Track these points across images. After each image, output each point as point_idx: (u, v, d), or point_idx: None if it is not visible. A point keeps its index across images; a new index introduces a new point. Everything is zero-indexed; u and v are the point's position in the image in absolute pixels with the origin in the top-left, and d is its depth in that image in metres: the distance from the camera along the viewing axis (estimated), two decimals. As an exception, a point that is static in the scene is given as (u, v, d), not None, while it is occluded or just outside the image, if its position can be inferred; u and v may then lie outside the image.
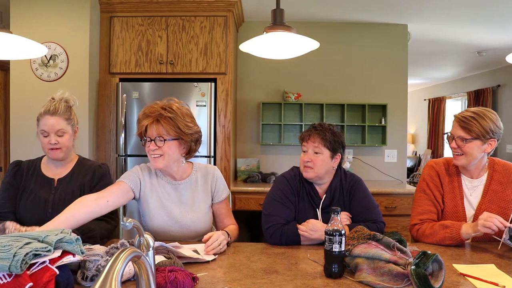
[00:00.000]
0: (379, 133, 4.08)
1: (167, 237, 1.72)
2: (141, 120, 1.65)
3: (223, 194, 1.81)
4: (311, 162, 1.75)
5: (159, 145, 1.62)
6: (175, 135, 1.63)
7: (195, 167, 1.81)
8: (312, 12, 3.78)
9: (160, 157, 1.63)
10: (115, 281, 0.73)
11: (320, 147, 1.75)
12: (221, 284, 1.21)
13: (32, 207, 1.72)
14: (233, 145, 3.66)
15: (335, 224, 1.28)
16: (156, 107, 1.63)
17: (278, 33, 1.55)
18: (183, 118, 1.64)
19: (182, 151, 1.69)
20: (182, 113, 1.65)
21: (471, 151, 1.69)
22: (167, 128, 1.61)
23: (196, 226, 1.73)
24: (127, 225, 0.95)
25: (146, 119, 1.62)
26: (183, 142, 1.66)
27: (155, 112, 1.61)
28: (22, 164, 1.82)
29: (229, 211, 1.86)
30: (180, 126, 1.62)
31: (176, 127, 1.61)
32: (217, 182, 1.79)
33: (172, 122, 1.61)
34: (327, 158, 1.76)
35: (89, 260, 1.21)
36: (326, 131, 1.76)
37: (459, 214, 1.75)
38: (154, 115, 1.61)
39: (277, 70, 4.03)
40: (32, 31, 3.06)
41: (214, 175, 1.80)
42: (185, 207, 1.74)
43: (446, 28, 4.16)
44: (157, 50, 3.35)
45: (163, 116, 1.60)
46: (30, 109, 2.94)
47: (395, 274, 1.18)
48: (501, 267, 1.38)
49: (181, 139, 1.65)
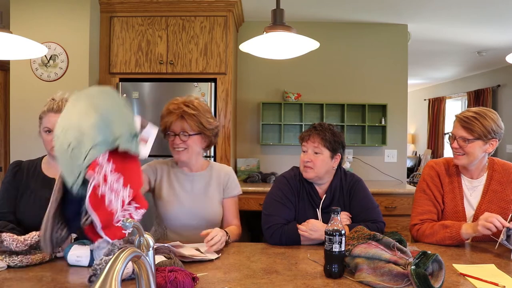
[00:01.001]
0: (379, 133, 4.08)
1: (179, 226, 1.80)
2: (165, 116, 1.76)
3: (234, 190, 1.88)
4: (311, 162, 1.75)
5: (184, 139, 1.75)
6: (198, 130, 1.76)
7: (212, 164, 1.93)
8: (312, 12, 3.78)
9: (184, 151, 1.76)
10: (115, 281, 0.73)
11: (320, 147, 1.75)
12: (221, 284, 1.21)
13: (33, 207, 1.71)
14: (233, 145, 3.66)
15: (335, 224, 1.28)
16: (179, 103, 1.75)
17: (278, 33, 1.55)
18: (205, 114, 1.77)
19: (203, 145, 1.83)
20: (203, 109, 1.78)
21: (472, 151, 1.69)
22: (191, 123, 1.73)
23: (208, 213, 1.81)
24: (127, 225, 0.95)
25: (170, 115, 1.74)
26: (205, 136, 1.80)
27: (179, 108, 1.73)
28: (22, 164, 1.81)
29: (236, 211, 1.90)
30: (203, 122, 1.75)
31: (199, 122, 1.74)
32: (229, 178, 1.88)
33: (196, 118, 1.73)
34: (327, 158, 1.76)
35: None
36: (326, 131, 1.76)
37: (459, 214, 1.75)
38: (178, 111, 1.73)
39: (277, 70, 4.03)
40: (32, 31, 3.06)
41: (228, 172, 1.90)
42: (197, 197, 1.82)
43: (446, 28, 4.16)
44: (157, 50, 3.35)
45: (187, 113, 1.72)
46: (30, 109, 2.94)
47: (395, 274, 1.18)
48: (501, 267, 1.38)
49: (203, 133, 1.78)
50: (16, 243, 1.33)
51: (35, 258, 1.35)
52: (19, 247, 1.33)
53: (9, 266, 1.32)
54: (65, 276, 1.26)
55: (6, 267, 1.31)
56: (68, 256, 1.35)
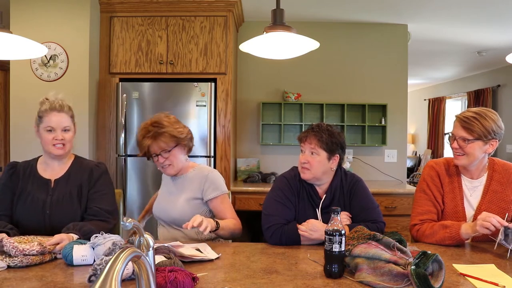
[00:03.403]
0: (379, 133, 4.08)
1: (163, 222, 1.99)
2: (141, 142, 1.87)
3: (212, 193, 1.90)
4: (308, 163, 1.75)
5: (166, 156, 1.87)
6: (175, 143, 1.87)
7: (196, 167, 1.99)
8: (312, 12, 3.77)
9: (170, 166, 1.90)
10: (115, 281, 0.73)
11: (317, 148, 1.74)
12: (221, 284, 1.21)
13: (30, 209, 1.71)
14: (233, 145, 3.66)
15: (335, 224, 1.28)
16: (148, 127, 1.86)
17: (278, 33, 1.55)
18: (174, 126, 1.88)
19: (184, 152, 1.95)
20: (171, 122, 1.89)
21: (473, 152, 1.69)
22: (165, 140, 1.84)
23: (170, 213, 1.92)
24: (127, 225, 0.95)
25: (145, 140, 1.85)
26: (182, 145, 1.92)
27: (149, 132, 1.84)
28: (18, 166, 1.80)
29: (226, 209, 1.91)
30: (175, 134, 1.86)
31: (172, 136, 1.85)
32: (206, 181, 1.91)
33: (167, 134, 1.84)
34: (324, 159, 1.75)
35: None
36: (322, 132, 1.75)
37: (459, 215, 1.75)
38: (150, 134, 1.84)
39: (277, 70, 4.03)
40: (32, 31, 3.06)
41: (205, 175, 1.92)
42: (172, 197, 1.95)
43: (446, 28, 4.16)
44: (157, 50, 3.35)
45: (158, 133, 1.83)
46: (30, 109, 2.90)
47: (395, 274, 1.18)
48: (501, 267, 1.38)
49: (179, 144, 1.89)
50: (15, 251, 1.34)
51: (35, 258, 1.35)
52: (17, 255, 1.34)
53: (9, 266, 1.32)
54: (65, 276, 1.26)
55: (6, 267, 1.31)
56: (74, 258, 1.34)
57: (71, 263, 1.35)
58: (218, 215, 1.90)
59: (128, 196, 3.30)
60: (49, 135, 1.72)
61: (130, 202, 3.31)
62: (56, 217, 1.70)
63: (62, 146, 1.74)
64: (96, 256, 1.35)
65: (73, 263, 1.35)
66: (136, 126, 3.28)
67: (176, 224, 1.90)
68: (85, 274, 1.26)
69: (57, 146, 1.73)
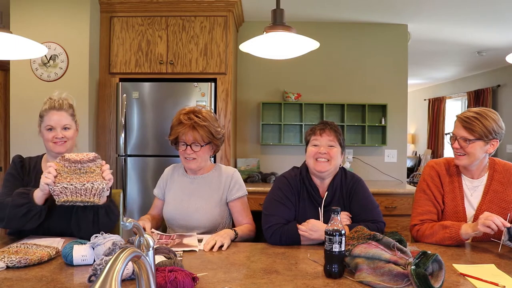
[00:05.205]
0: (379, 133, 4.08)
1: (177, 226, 1.88)
2: (176, 126, 1.82)
3: (237, 193, 1.89)
4: (327, 154, 1.74)
5: (195, 149, 1.82)
6: (208, 140, 1.83)
7: (216, 167, 1.96)
8: (312, 12, 3.78)
9: (194, 160, 1.84)
10: (115, 281, 0.73)
11: (335, 141, 1.77)
12: (221, 284, 1.20)
13: None
14: (233, 145, 3.66)
15: (335, 224, 1.28)
16: (191, 115, 1.80)
17: (278, 33, 1.55)
18: (214, 124, 1.84)
19: (211, 152, 1.92)
20: (212, 119, 1.85)
21: (473, 152, 1.69)
22: (202, 134, 1.80)
23: (199, 216, 1.83)
24: (127, 225, 0.95)
25: (182, 126, 1.79)
26: (213, 145, 1.88)
27: (190, 119, 1.79)
28: (25, 160, 1.83)
29: (245, 211, 1.91)
30: (213, 132, 1.82)
31: (210, 133, 1.81)
32: (232, 180, 1.90)
33: (206, 129, 1.80)
34: (339, 153, 1.79)
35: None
36: (337, 128, 1.81)
37: (459, 215, 1.75)
38: (189, 122, 1.79)
39: (277, 70, 4.03)
40: (32, 31, 3.06)
41: (230, 175, 1.92)
42: (194, 199, 1.87)
43: (446, 28, 4.16)
44: (157, 50, 3.35)
45: (198, 124, 1.78)
46: (30, 109, 2.94)
47: (395, 274, 1.18)
48: (501, 267, 1.38)
49: (212, 143, 1.86)
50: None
51: (33, 258, 1.35)
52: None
53: (8, 267, 1.32)
54: (65, 276, 1.26)
55: (6, 267, 1.31)
56: (74, 258, 1.34)
57: (71, 263, 1.35)
58: (236, 216, 1.90)
59: (128, 196, 3.30)
60: (49, 134, 1.74)
61: (130, 202, 3.31)
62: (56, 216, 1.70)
63: (63, 143, 1.75)
64: (96, 256, 1.35)
65: (73, 263, 1.34)
66: (136, 126, 3.28)
67: (206, 227, 1.84)
68: (85, 274, 1.26)
69: (58, 143, 1.74)
